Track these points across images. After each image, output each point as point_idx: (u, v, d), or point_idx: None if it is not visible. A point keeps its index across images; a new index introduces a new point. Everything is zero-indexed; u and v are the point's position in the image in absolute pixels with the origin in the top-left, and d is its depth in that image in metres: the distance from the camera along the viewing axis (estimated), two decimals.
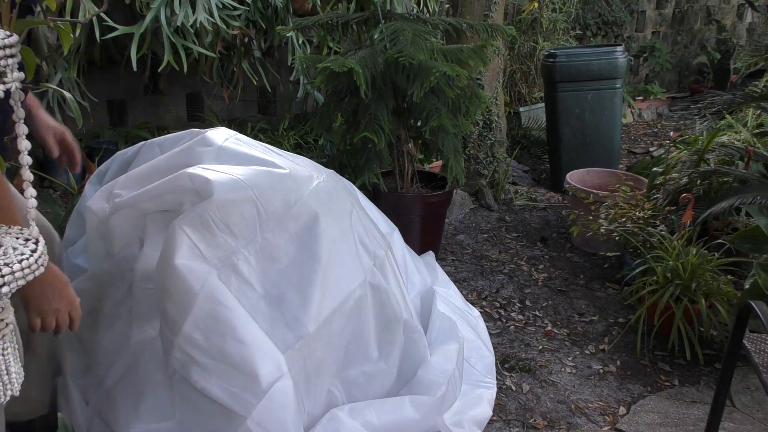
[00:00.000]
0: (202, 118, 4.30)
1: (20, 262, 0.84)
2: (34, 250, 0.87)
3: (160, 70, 3.37)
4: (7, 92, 0.82)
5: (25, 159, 0.89)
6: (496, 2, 3.93)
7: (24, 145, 0.89)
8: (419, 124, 2.88)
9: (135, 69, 3.21)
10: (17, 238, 0.90)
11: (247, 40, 3.70)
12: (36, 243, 0.89)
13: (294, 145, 4.06)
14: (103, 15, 3.10)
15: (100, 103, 3.88)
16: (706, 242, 2.60)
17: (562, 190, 3.81)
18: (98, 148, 3.66)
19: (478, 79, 3.59)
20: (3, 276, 0.82)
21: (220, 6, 3.24)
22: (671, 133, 5.50)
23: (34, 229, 0.91)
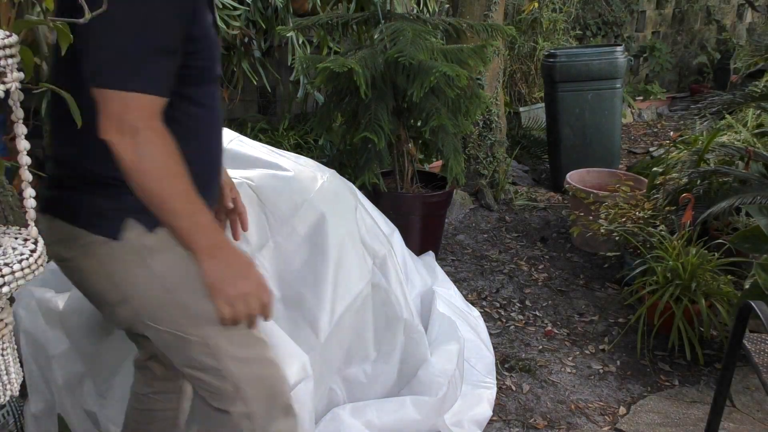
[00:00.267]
0: None
1: (20, 262, 0.84)
2: (33, 250, 0.87)
3: None
4: (7, 92, 0.82)
5: (25, 159, 0.89)
6: (496, 2, 3.93)
7: (23, 145, 0.89)
8: (419, 124, 2.88)
9: None
10: (16, 238, 0.90)
11: (247, 40, 3.69)
12: (35, 243, 0.89)
13: (294, 145, 4.05)
14: None
15: None
16: (706, 242, 2.60)
17: (562, 190, 3.82)
18: None
19: (478, 79, 3.59)
20: (3, 276, 0.82)
21: (220, 6, 3.24)
22: (671, 133, 5.49)
23: (33, 230, 0.91)
